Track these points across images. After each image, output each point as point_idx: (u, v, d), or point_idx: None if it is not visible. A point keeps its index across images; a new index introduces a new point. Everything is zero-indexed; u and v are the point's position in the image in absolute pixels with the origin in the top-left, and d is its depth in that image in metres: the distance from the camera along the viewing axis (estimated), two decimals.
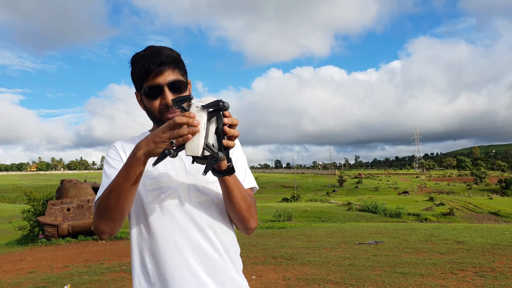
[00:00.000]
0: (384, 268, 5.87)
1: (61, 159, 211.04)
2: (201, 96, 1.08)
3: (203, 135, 0.98)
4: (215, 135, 1.03)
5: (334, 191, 75.86)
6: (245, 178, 1.31)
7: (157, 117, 1.22)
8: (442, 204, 36.54)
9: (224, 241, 1.25)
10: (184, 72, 1.27)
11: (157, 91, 1.19)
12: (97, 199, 1.17)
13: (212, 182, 1.24)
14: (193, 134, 0.97)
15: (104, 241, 11.86)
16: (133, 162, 1.05)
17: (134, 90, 1.30)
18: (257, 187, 1.35)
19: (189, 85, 1.30)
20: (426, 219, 25.38)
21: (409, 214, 28.04)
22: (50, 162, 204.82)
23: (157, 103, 1.21)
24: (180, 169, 1.25)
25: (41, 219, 12.06)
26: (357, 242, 8.78)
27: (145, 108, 1.26)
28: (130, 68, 1.26)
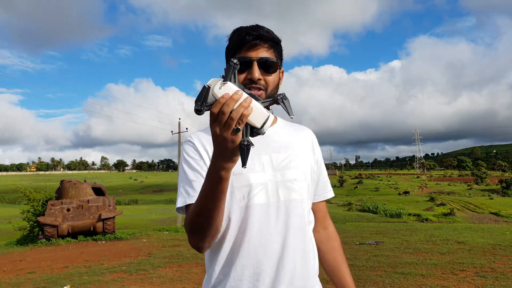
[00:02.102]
0: (385, 268, 5.85)
1: (60, 159, 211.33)
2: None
3: (252, 99, 0.86)
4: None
5: (333, 186, 75.97)
6: (328, 189, 1.37)
7: None
8: (442, 204, 36.49)
9: (310, 244, 1.21)
10: (280, 57, 1.20)
11: (247, 64, 1.12)
12: (187, 220, 1.06)
13: (301, 180, 1.18)
14: (249, 104, 0.83)
15: (104, 242, 11.85)
16: (221, 186, 0.93)
17: (132, 90, 1.24)
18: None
19: (281, 73, 1.23)
20: (426, 220, 25.31)
21: (409, 214, 27.97)
22: (49, 162, 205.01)
23: (242, 76, 1.13)
24: (266, 164, 1.16)
25: (41, 219, 12.05)
26: (358, 243, 8.76)
27: None
28: (226, 43, 1.18)
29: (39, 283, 6.10)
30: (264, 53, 1.14)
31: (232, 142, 0.84)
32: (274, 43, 1.17)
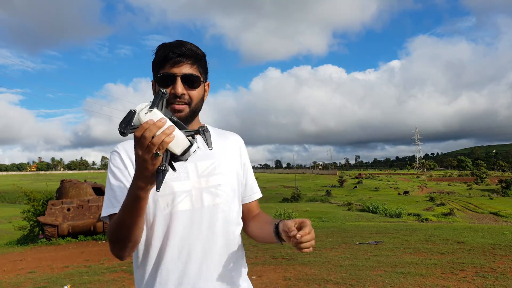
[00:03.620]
0: (385, 268, 5.86)
1: (61, 159, 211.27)
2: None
3: (175, 128, 0.92)
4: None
5: (334, 186, 76.15)
6: (255, 191, 1.42)
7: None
8: (442, 204, 36.50)
9: (235, 245, 1.28)
10: (204, 71, 1.26)
11: (170, 80, 1.18)
12: (108, 230, 1.14)
13: (226, 185, 1.25)
14: (171, 132, 0.90)
15: (104, 241, 11.85)
16: (139, 204, 1.00)
17: (131, 89, 1.28)
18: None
19: (206, 86, 1.29)
20: (426, 219, 25.33)
21: (409, 214, 27.99)
22: (50, 162, 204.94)
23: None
24: (191, 172, 1.22)
25: (41, 219, 12.06)
26: (358, 242, 8.76)
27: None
28: (153, 56, 1.25)
29: (39, 282, 6.11)
30: (187, 69, 1.19)
31: (151, 165, 0.91)
32: (197, 59, 1.22)
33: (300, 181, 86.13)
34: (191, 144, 0.94)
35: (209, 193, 1.22)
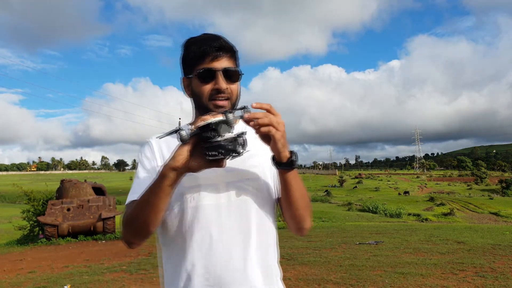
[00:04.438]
0: (385, 268, 5.86)
1: (61, 159, 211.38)
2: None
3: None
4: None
5: (334, 186, 76.27)
6: None
7: (204, 103, 1.17)
8: (442, 204, 36.48)
9: (265, 245, 1.20)
10: (238, 64, 1.23)
11: (211, 75, 1.15)
12: (125, 213, 1.13)
13: (253, 179, 1.18)
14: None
15: (104, 241, 11.86)
16: (163, 192, 1.02)
17: (130, 89, 1.26)
18: None
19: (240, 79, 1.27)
20: (426, 219, 25.33)
21: (409, 214, 27.99)
22: (50, 162, 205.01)
23: (208, 87, 1.16)
24: None
25: (41, 219, 12.06)
26: (358, 242, 8.76)
27: (193, 93, 1.21)
28: (182, 52, 1.21)
29: (39, 282, 6.11)
30: (226, 63, 1.17)
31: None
32: (234, 53, 1.20)
33: None
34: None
35: (236, 188, 1.16)
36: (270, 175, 1.22)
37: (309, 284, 5.10)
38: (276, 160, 1.08)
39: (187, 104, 1.27)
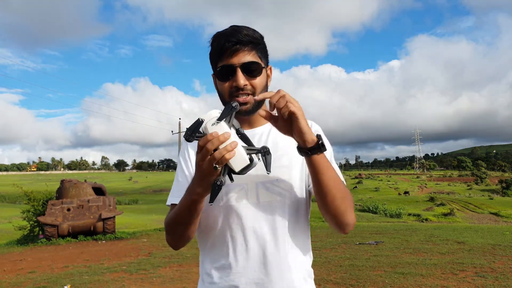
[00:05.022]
0: (385, 268, 5.86)
1: (61, 159, 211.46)
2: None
3: (238, 144, 0.90)
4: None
5: None
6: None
7: (227, 101, 1.12)
8: (442, 204, 36.47)
9: (296, 248, 1.15)
10: (264, 55, 1.16)
11: (229, 71, 1.10)
12: (166, 220, 1.15)
13: (283, 180, 1.13)
14: (232, 149, 0.88)
15: (104, 241, 11.86)
16: (194, 208, 1.02)
17: (129, 89, 1.24)
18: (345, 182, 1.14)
19: (269, 71, 1.20)
20: (426, 220, 25.34)
21: (409, 214, 28.00)
22: (50, 162, 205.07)
23: (228, 85, 1.11)
24: None
25: (41, 219, 12.06)
26: (358, 243, 8.76)
27: (217, 90, 1.17)
28: (209, 48, 1.17)
29: (39, 282, 6.11)
30: (246, 57, 1.10)
31: (210, 175, 0.92)
32: (255, 44, 1.12)
33: None
34: (251, 162, 0.92)
35: (265, 189, 1.12)
36: (300, 175, 1.17)
37: None
38: (303, 147, 1.00)
39: (187, 104, 1.25)
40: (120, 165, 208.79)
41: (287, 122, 1.00)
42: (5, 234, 17.03)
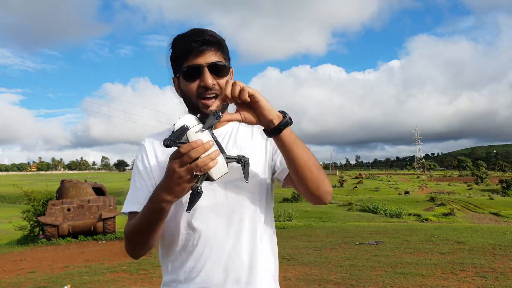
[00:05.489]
0: (385, 268, 5.86)
1: (61, 159, 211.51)
2: None
3: (219, 152, 0.91)
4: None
5: (334, 186, 76.51)
6: None
7: (194, 102, 1.12)
8: (442, 204, 36.47)
9: (262, 242, 1.18)
10: (227, 57, 1.17)
11: (196, 72, 1.09)
12: (126, 229, 1.12)
13: (251, 177, 1.13)
14: (216, 157, 0.89)
15: (104, 241, 11.86)
16: (161, 216, 0.99)
17: (129, 89, 1.22)
18: None
19: (231, 73, 1.20)
20: (426, 220, 25.33)
21: (409, 214, 27.99)
22: (50, 162, 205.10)
23: (194, 85, 1.10)
24: None
25: (41, 219, 12.07)
26: (358, 243, 8.76)
27: (182, 92, 1.16)
28: (170, 51, 1.15)
29: (40, 282, 6.11)
30: (212, 57, 1.10)
31: (186, 183, 0.90)
32: (220, 45, 1.13)
33: None
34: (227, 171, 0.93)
35: (234, 186, 1.14)
36: (264, 170, 1.19)
37: (309, 284, 5.09)
38: (270, 128, 1.01)
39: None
40: (120, 165, 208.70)
41: (250, 111, 1.00)
42: (6, 234, 17.04)
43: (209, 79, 1.09)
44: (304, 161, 1.04)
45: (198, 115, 0.92)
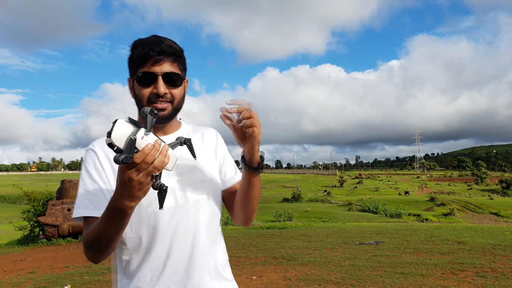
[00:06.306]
0: (385, 268, 5.86)
1: (61, 159, 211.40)
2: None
3: (168, 147, 0.95)
4: (179, 146, 1.06)
5: (334, 186, 76.48)
6: (237, 172, 1.36)
7: (145, 105, 1.17)
8: (442, 204, 36.50)
9: (220, 240, 1.29)
10: (183, 68, 1.23)
11: (151, 79, 1.15)
12: (85, 235, 1.11)
13: (207, 180, 1.25)
14: (166, 153, 0.92)
15: None
16: (124, 221, 1.00)
17: (127, 89, 1.24)
18: None
19: (186, 83, 1.25)
20: (426, 219, 25.36)
21: (409, 214, 28.03)
22: (50, 162, 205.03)
23: (147, 91, 1.16)
24: (173, 169, 1.19)
25: (41, 219, 12.07)
26: (358, 243, 8.76)
27: (135, 95, 1.21)
28: (129, 53, 1.20)
29: (40, 283, 6.12)
30: (168, 67, 1.16)
31: (147, 185, 0.93)
32: (177, 56, 1.19)
33: (300, 182, 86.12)
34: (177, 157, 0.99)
35: (193, 189, 1.21)
36: (218, 175, 1.31)
37: (309, 284, 5.10)
38: (247, 163, 1.14)
39: (186, 104, 1.26)
40: None
41: (244, 135, 1.11)
42: (6, 234, 17.06)
43: (162, 88, 1.15)
44: (255, 201, 1.22)
45: (127, 117, 0.93)
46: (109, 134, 0.88)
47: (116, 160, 0.86)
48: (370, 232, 11.14)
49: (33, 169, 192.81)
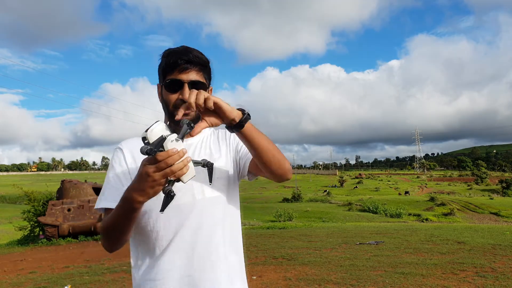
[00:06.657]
0: (385, 268, 5.86)
1: (61, 159, 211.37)
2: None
3: (191, 159, 1.03)
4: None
5: (334, 186, 76.51)
6: None
7: (171, 110, 1.26)
8: (442, 204, 36.48)
9: (236, 236, 1.33)
10: (209, 77, 1.32)
11: (178, 85, 1.24)
12: (102, 225, 1.21)
13: (222, 178, 1.31)
14: (187, 163, 1.01)
15: None
16: (133, 214, 1.08)
17: (128, 89, 1.30)
18: None
19: (210, 91, 1.35)
20: (426, 219, 25.36)
21: (409, 214, 28.03)
22: (50, 162, 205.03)
23: (174, 97, 1.25)
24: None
25: (41, 219, 12.08)
26: (358, 243, 8.77)
27: (162, 100, 1.31)
28: (160, 61, 1.30)
29: (40, 283, 6.12)
30: (194, 75, 1.25)
31: (158, 185, 1.00)
32: (203, 66, 1.28)
33: (301, 182, 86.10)
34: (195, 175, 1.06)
35: (209, 185, 1.26)
36: (234, 171, 1.35)
37: (309, 284, 5.10)
38: (232, 124, 1.14)
39: None
40: None
41: (214, 115, 1.12)
42: (6, 235, 17.06)
43: (187, 94, 1.22)
44: (266, 146, 1.20)
45: (168, 123, 1.04)
46: (146, 130, 1.00)
47: (141, 150, 0.96)
48: (370, 232, 11.14)
49: (33, 169, 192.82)
